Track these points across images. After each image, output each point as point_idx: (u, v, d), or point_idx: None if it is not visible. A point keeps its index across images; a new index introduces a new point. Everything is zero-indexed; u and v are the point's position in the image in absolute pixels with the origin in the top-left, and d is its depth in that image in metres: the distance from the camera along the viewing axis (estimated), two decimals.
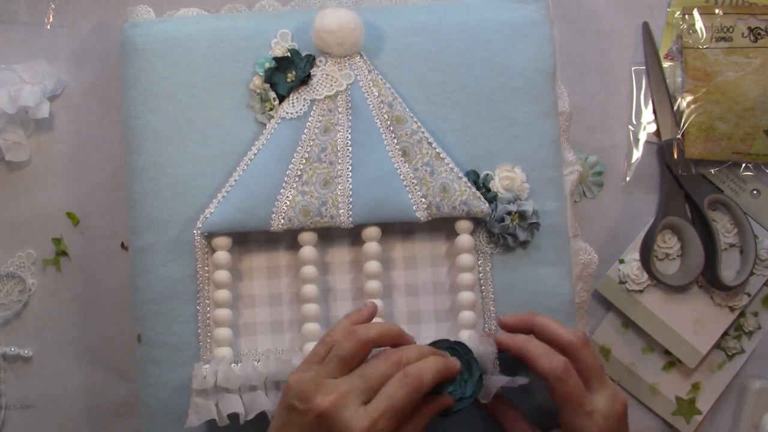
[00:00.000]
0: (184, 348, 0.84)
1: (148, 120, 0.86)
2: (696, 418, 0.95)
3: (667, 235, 0.95)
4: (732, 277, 0.93)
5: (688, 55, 0.95)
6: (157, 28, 0.88)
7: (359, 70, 0.86)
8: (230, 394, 0.81)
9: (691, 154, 0.94)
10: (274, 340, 0.86)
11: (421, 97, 0.86)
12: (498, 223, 0.84)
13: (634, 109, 0.97)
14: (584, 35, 0.97)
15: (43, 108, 0.92)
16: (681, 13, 0.96)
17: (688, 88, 0.95)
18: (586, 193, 0.95)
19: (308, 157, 0.85)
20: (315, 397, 0.71)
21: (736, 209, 0.93)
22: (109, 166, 0.95)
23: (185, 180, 0.85)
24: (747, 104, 0.94)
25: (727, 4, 0.96)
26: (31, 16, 0.96)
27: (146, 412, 0.85)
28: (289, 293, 0.87)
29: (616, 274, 0.95)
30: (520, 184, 0.85)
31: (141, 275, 0.85)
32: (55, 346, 0.94)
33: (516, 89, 0.86)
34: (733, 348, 0.95)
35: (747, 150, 0.94)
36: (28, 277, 0.94)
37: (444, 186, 0.84)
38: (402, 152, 0.85)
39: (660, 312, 0.94)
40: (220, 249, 0.85)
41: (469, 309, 0.84)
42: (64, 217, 0.94)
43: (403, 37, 0.87)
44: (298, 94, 0.86)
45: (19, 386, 0.94)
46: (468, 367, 0.78)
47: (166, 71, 0.87)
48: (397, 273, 0.87)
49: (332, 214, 0.84)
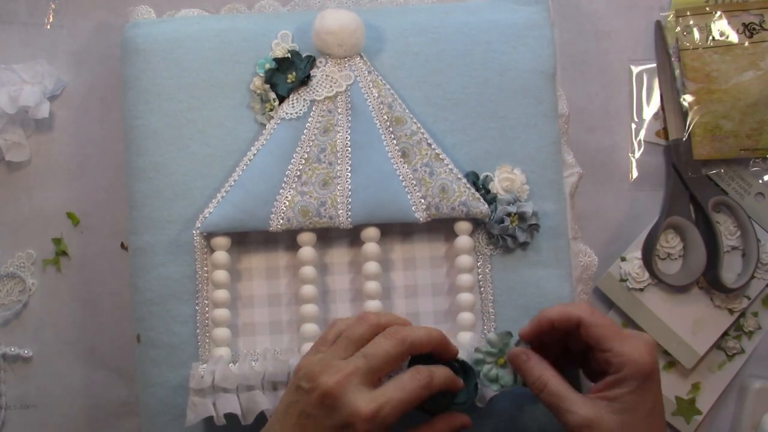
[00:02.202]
0: (183, 348, 0.84)
1: (149, 120, 0.86)
2: (696, 418, 0.95)
3: (669, 235, 0.95)
4: (733, 280, 0.93)
5: (686, 57, 0.95)
6: (157, 28, 0.88)
7: (359, 71, 0.86)
8: (227, 394, 0.81)
9: (699, 155, 0.94)
10: (273, 340, 0.86)
11: (421, 98, 0.86)
12: (497, 225, 0.84)
13: (635, 109, 0.97)
14: (584, 35, 0.97)
15: (43, 108, 0.92)
16: (675, 16, 0.95)
17: (689, 89, 0.94)
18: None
19: (307, 158, 0.85)
20: (321, 376, 0.71)
21: (740, 212, 0.93)
22: (109, 166, 0.95)
23: (185, 180, 0.85)
24: (749, 100, 0.94)
25: (720, 3, 0.96)
26: (31, 16, 0.96)
27: (146, 412, 0.86)
28: (288, 294, 0.87)
29: (617, 272, 0.95)
30: (519, 185, 0.85)
31: (140, 275, 0.85)
32: (55, 346, 0.94)
33: (516, 91, 0.86)
34: (733, 348, 0.95)
35: (754, 145, 0.94)
36: (28, 277, 0.94)
37: (443, 187, 0.84)
38: (401, 153, 0.85)
39: (659, 311, 0.94)
40: (219, 249, 0.85)
41: (468, 310, 0.84)
42: (64, 217, 0.95)
43: (404, 39, 0.87)
44: (298, 94, 0.86)
45: (19, 386, 0.94)
46: (464, 373, 0.78)
47: (167, 72, 0.87)
48: (396, 274, 0.87)
49: (331, 215, 0.84)
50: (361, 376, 0.71)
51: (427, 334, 0.76)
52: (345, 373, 0.71)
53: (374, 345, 0.74)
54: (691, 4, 0.96)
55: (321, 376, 0.71)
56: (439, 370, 0.75)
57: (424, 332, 0.76)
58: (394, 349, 0.73)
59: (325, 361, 0.73)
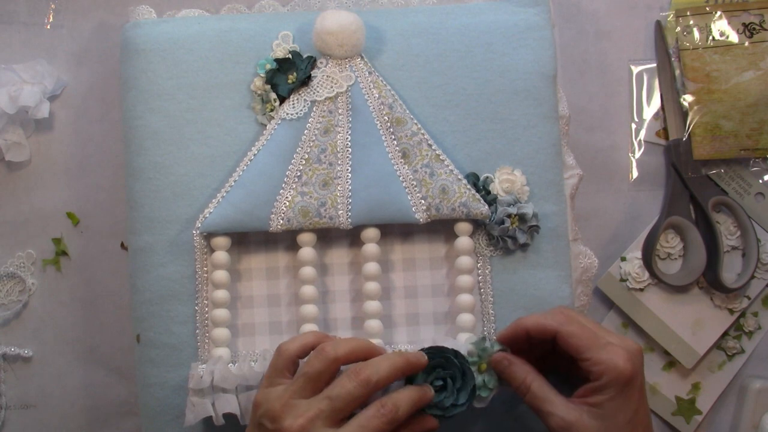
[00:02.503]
0: (182, 348, 0.84)
1: (149, 120, 0.86)
2: (696, 418, 0.95)
3: (670, 235, 0.95)
4: (733, 280, 0.93)
5: (686, 57, 0.95)
6: (158, 28, 0.88)
7: (360, 71, 0.86)
8: (227, 394, 0.81)
9: (699, 155, 0.94)
10: (272, 340, 0.86)
11: (422, 99, 0.86)
12: (498, 226, 0.84)
13: (635, 109, 0.96)
14: (584, 35, 0.97)
15: (43, 108, 0.92)
16: (675, 16, 0.95)
17: (689, 89, 0.94)
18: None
19: (308, 158, 0.85)
20: (284, 419, 0.71)
21: (740, 212, 0.93)
22: (109, 166, 0.95)
23: (185, 180, 0.85)
24: (749, 100, 0.94)
25: (720, 3, 0.96)
26: (31, 16, 0.96)
27: (145, 412, 0.86)
28: (288, 294, 0.87)
29: (617, 272, 0.95)
30: (520, 186, 0.85)
31: (140, 275, 0.85)
32: (55, 346, 0.94)
33: (517, 92, 0.86)
34: (733, 348, 0.95)
35: (754, 145, 0.94)
36: (28, 277, 0.94)
37: (443, 188, 0.84)
38: (402, 154, 0.85)
39: (659, 311, 0.94)
40: (219, 249, 0.85)
41: (468, 312, 0.84)
42: (64, 217, 0.95)
43: (404, 40, 0.87)
44: (299, 95, 0.86)
45: (19, 386, 0.94)
46: (462, 375, 0.78)
47: (167, 72, 0.86)
48: (396, 275, 0.87)
49: (331, 215, 0.84)
50: (324, 418, 0.72)
51: (390, 366, 0.75)
52: (309, 417, 0.71)
53: (338, 387, 0.73)
54: (691, 4, 0.96)
55: (284, 418, 0.71)
56: (404, 397, 0.74)
57: (388, 365, 0.74)
58: (357, 390, 0.73)
59: (286, 400, 0.73)
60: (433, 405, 0.77)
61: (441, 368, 0.78)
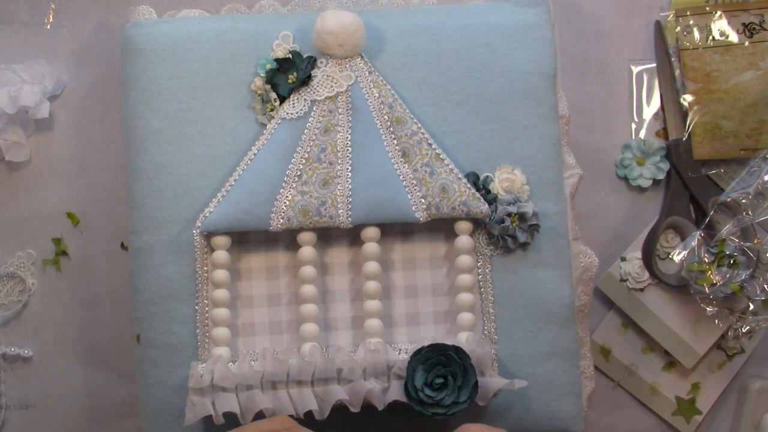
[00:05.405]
0: (182, 348, 0.84)
1: (149, 120, 0.86)
2: (696, 418, 0.95)
3: (670, 235, 0.95)
4: None
5: (686, 57, 0.95)
6: (158, 28, 0.88)
7: (360, 71, 0.86)
8: (226, 393, 0.81)
9: (699, 155, 0.94)
10: (272, 340, 0.86)
11: (422, 98, 0.86)
12: (498, 225, 0.84)
13: (635, 109, 0.97)
14: (584, 35, 0.97)
15: (43, 108, 0.92)
16: (675, 16, 0.96)
17: (689, 89, 0.94)
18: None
19: (308, 158, 0.85)
20: None
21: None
22: (109, 166, 0.95)
23: (185, 180, 0.85)
24: (749, 100, 0.94)
25: (720, 3, 0.96)
26: (31, 16, 0.96)
27: (145, 412, 0.86)
28: (288, 293, 0.87)
29: (617, 272, 0.95)
30: (520, 186, 0.85)
31: (140, 275, 0.85)
32: (55, 346, 0.94)
33: (517, 92, 0.86)
34: (733, 348, 0.95)
35: (754, 145, 0.94)
36: (28, 277, 0.94)
37: (443, 187, 0.84)
38: (402, 153, 0.85)
39: (659, 311, 0.94)
40: (219, 248, 0.84)
41: (468, 311, 0.84)
42: (64, 217, 0.95)
43: (404, 39, 0.87)
44: (299, 94, 0.86)
45: (19, 386, 0.94)
46: (464, 372, 0.78)
47: (167, 72, 0.86)
48: (396, 274, 0.87)
49: (331, 214, 0.84)
50: None
51: None
52: None
53: None
54: (691, 4, 0.96)
55: None
56: None
57: None
58: None
59: None
60: (434, 403, 0.77)
61: (442, 365, 0.78)
